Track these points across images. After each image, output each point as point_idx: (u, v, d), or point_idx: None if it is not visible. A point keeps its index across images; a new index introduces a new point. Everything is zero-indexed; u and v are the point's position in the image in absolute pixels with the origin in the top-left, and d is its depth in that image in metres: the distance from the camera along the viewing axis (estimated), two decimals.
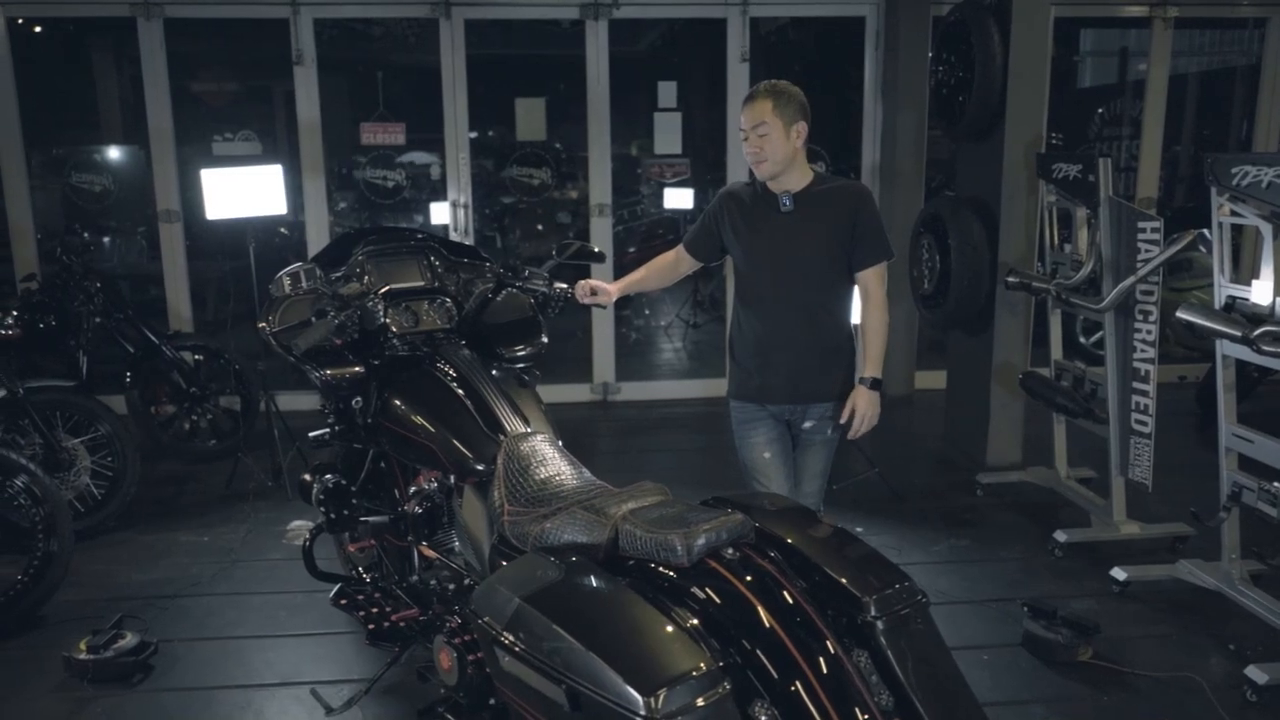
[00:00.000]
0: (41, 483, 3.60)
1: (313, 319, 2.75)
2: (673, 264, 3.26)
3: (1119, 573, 3.69)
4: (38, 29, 6.36)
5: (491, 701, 2.61)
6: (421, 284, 3.15)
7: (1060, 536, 4.03)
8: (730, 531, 2.08)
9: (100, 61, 6.85)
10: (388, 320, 2.94)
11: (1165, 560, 3.79)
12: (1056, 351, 4.53)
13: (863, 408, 2.91)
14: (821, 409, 3.02)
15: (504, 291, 3.10)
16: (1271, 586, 3.38)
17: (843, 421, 2.95)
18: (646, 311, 8.38)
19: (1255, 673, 2.98)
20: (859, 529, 4.32)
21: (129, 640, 3.22)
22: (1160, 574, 3.67)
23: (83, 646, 3.17)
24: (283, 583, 3.87)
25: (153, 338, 5.19)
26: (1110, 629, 3.34)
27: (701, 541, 2.02)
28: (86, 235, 5.23)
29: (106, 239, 6.74)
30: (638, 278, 3.32)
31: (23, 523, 3.63)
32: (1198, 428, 5.62)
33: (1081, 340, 6.58)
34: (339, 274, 3.06)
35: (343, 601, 3.04)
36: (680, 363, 7.59)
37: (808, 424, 3.05)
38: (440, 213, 6.27)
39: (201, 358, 5.43)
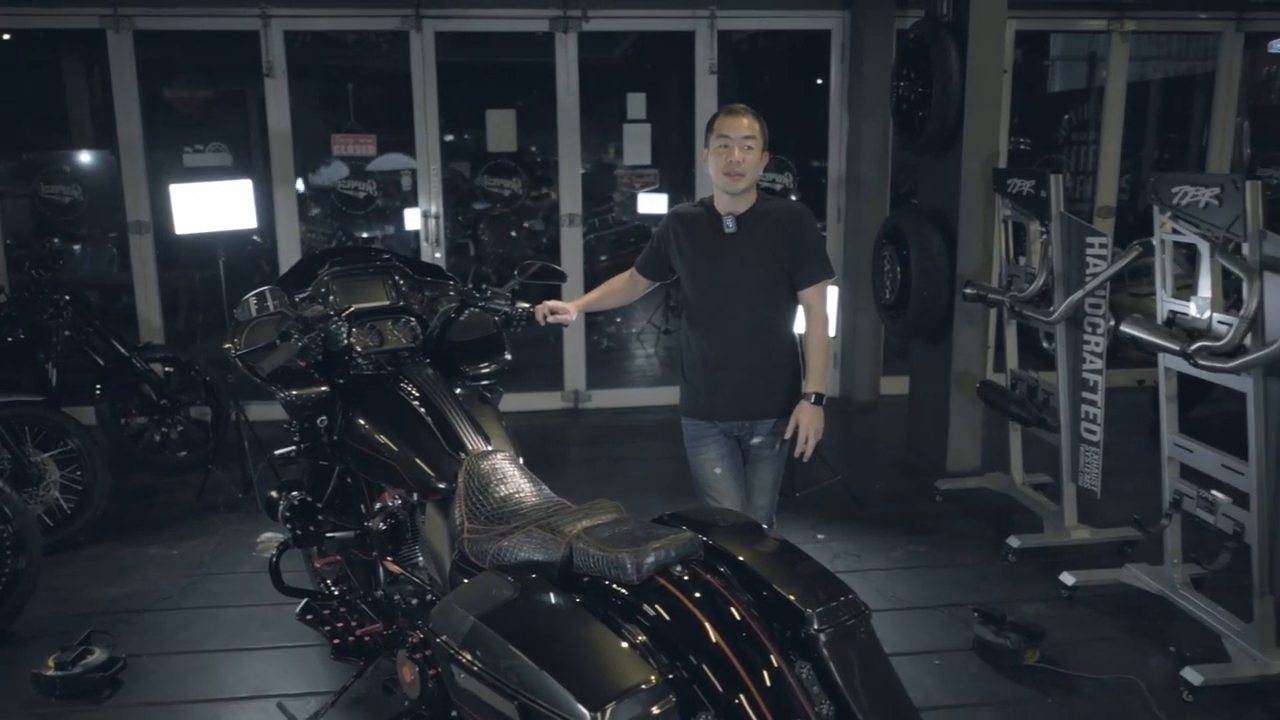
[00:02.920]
0: (10, 499, 3.63)
1: (277, 341, 2.81)
2: (629, 283, 3.35)
3: (1068, 577, 3.81)
4: (4, 36, 6.35)
5: (453, 714, 2.69)
6: (386, 303, 3.21)
7: (1013, 542, 4.15)
8: (679, 549, 2.16)
9: (69, 70, 6.85)
10: (352, 341, 3.00)
11: (1114, 565, 3.91)
12: (1012, 361, 4.65)
13: (805, 423, 2.95)
14: (768, 425, 3.08)
15: (467, 311, 3.17)
16: (1211, 590, 3.51)
17: (786, 438, 3.00)
18: (618, 319, 8.45)
19: (1191, 674, 3.11)
20: (820, 536, 4.42)
21: (97, 656, 3.26)
22: (1107, 578, 3.79)
23: (51, 663, 3.22)
24: (253, 595, 3.91)
25: (122, 350, 5.21)
26: (1058, 632, 3.46)
27: (651, 560, 2.10)
28: (56, 244, 5.24)
29: (76, 249, 6.73)
30: (595, 297, 3.42)
31: None
32: (1152, 431, 5.75)
33: (1045, 346, 6.70)
34: (305, 294, 3.12)
35: (309, 617, 3.09)
36: (652, 369, 7.67)
37: (756, 440, 3.11)
38: (412, 221, 6.32)
39: (172, 369, 5.46)
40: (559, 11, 6.11)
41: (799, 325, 3.15)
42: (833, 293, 4.58)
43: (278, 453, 3.18)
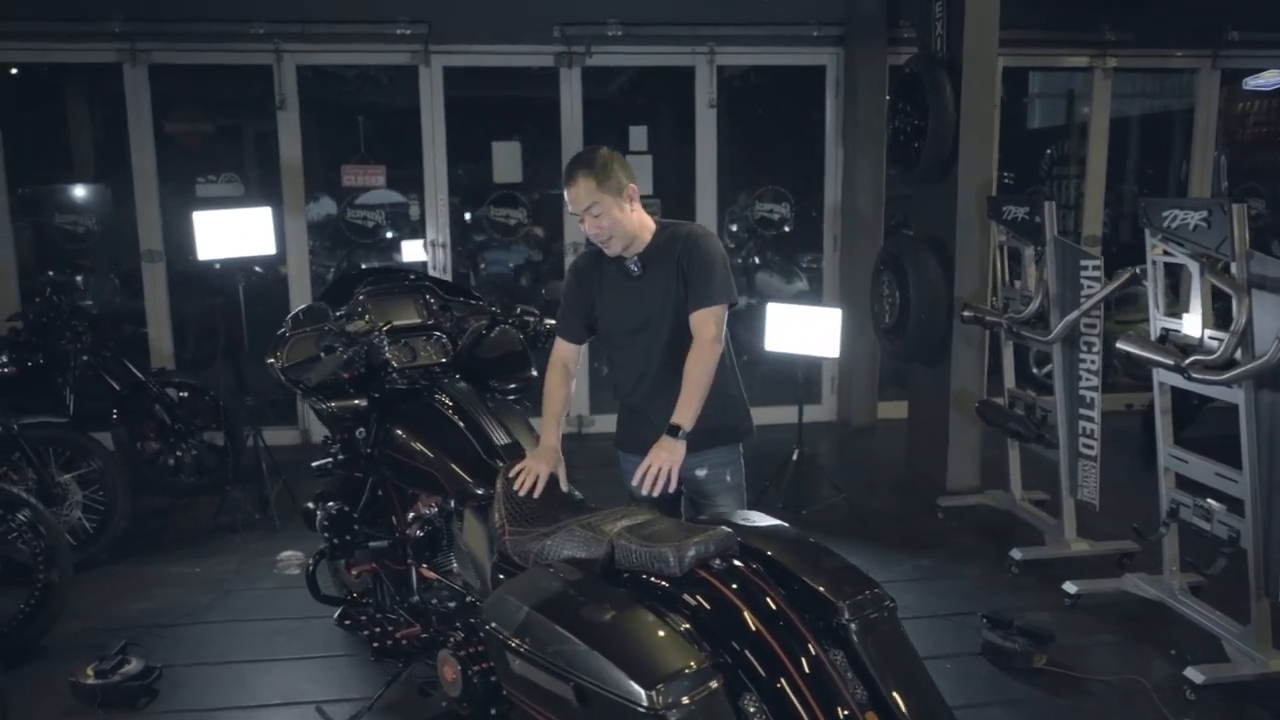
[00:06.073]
0: (43, 516, 3.72)
1: (321, 355, 2.94)
2: (564, 373, 3.03)
3: (1070, 587, 3.94)
4: (14, 70, 6.49)
5: (492, 712, 2.80)
6: (419, 321, 3.35)
7: (1016, 554, 4.29)
8: (717, 545, 2.29)
9: (84, 102, 6.98)
10: (389, 356, 3.13)
11: (1113, 574, 4.06)
12: (1010, 381, 4.81)
13: (653, 457, 2.68)
14: (707, 456, 2.89)
15: (498, 328, 3.31)
16: (1208, 596, 3.66)
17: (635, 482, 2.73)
18: None
19: (1194, 673, 3.24)
20: None
21: (134, 665, 3.34)
22: (1108, 587, 3.94)
23: (89, 672, 3.29)
24: (277, 610, 4.00)
25: (138, 374, 5.31)
26: (1063, 638, 3.59)
27: (692, 553, 2.23)
28: (78, 276, 5.34)
29: (90, 278, 6.83)
30: (557, 410, 2.97)
31: (21, 556, 3.74)
32: (1142, 452, 5.93)
33: (1034, 371, 6.89)
34: (341, 312, 3.25)
35: (347, 622, 3.20)
36: None
37: (701, 472, 2.91)
38: (419, 251, 6.46)
39: (186, 394, 5.55)
40: (564, 47, 6.32)
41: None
42: (834, 316, 4.75)
43: (314, 464, 3.30)
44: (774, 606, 2.20)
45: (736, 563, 2.29)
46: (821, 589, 2.26)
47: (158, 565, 4.52)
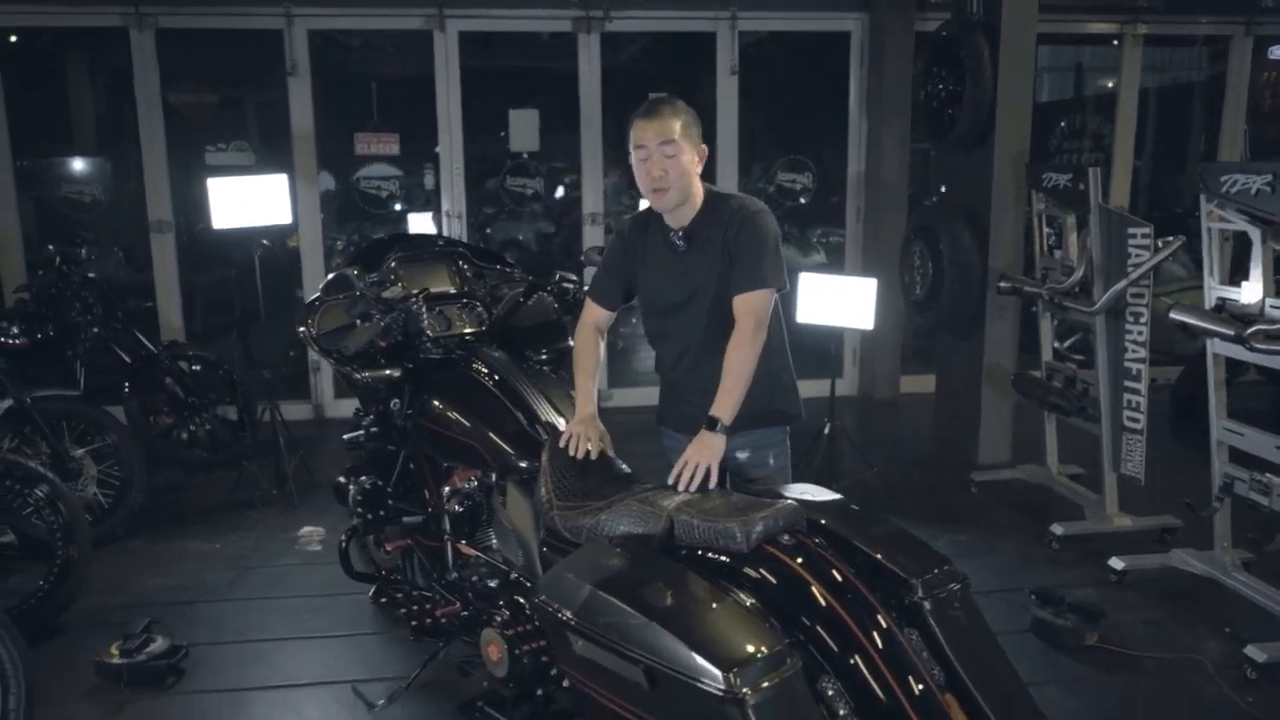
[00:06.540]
0: (61, 491, 3.60)
1: (357, 322, 2.82)
2: (594, 337, 2.82)
3: (1117, 562, 3.85)
4: (13, 38, 6.31)
5: (539, 692, 2.70)
6: (453, 289, 3.23)
7: (1057, 529, 4.19)
8: (785, 519, 2.18)
9: (88, 70, 6.81)
10: (424, 325, 3.01)
11: (1156, 550, 3.96)
12: (1047, 354, 4.70)
13: (691, 453, 2.46)
14: (750, 437, 2.69)
15: (535, 295, 3.18)
16: (1261, 572, 3.56)
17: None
18: (633, 320, 8.47)
19: (1254, 651, 3.14)
20: None
21: (160, 644, 3.24)
22: (1155, 563, 3.84)
23: (114, 651, 3.19)
24: (301, 587, 3.90)
25: (150, 347, 5.18)
26: (1112, 615, 3.49)
27: (760, 528, 2.12)
28: (83, 248, 5.21)
29: (96, 249, 6.69)
30: (590, 369, 2.79)
31: (39, 532, 3.63)
32: (1171, 427, 5.83)
33: (1055, 345, 6.79)
34: (373, 279, 3.13)
35: (383, 600, 3.09)
36: None
37: (742, 455, 2.72)
38: (434, 222, 6.33)
39: (199, 367, 5.43)
40: (581, 12, 6.14)
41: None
42: (869, 286, 4.62)
43: (346, 437, 3.19)
44: (845, 583, 2.10)
45: (803, 538, 2.19)
46: (893, 566, 2.16)
47: (175, 541, 4.41)
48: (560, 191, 7.00)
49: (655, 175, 2.53)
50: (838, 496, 2.48)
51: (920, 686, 1.97)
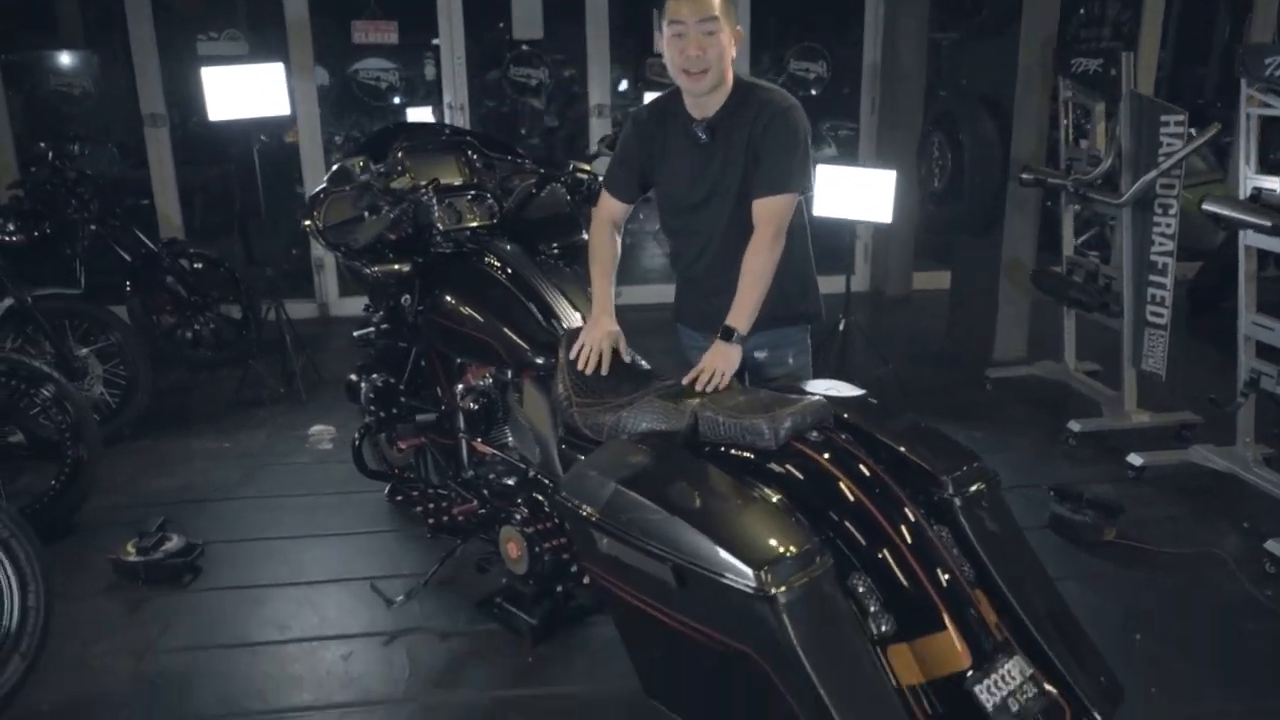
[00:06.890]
0: (68, 391, 3.55)
1: (365, 214, 2.71)
2: (611, 233, 2.68)
3: (1135, 458, 3.81)
4: None
5: (558, 589, 2.69)
6: (462, 180, 3.10)
7: (1075, 426, 4.15)
8: (813, 415, 2.12)
9: None
10: (435, 217, 2.90)
11: (1174, 446, 3.93)
12: (1068, 248, 4.58)
13: (708, 360, 2.38)
14: (769, 336, 2.61)
15: (549, 186, 3.06)
16: None
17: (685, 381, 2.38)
18: (641, 216, 8.31)
19: (1275, 546, 3.13)
20: None
21: (175, 542, 3.23)
22: (1174, 459, 3.81)
23: (130, 549, 3.18)
24: (314, 485, 3.88)
25: (150, 245, 5.07)
26: (1130, 511, 3.47)
27: (788, 424, 2.07)
28: (77, 142, 5.04)
29: (89, 145, 6.50)
30: (607, 267, 2.65)
31: (47, 432, 3.59)
32: (1187, 322, 5.75)
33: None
34: (380, 169, 3.00)
35: (398, 498, 3.07)
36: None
37: (760, 354, 2.65)
38: (435, 114, 6.12)
39: (200, 265, 5.32)
40: None
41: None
42: (888, 178, 4.48)
43: (356, 334, 3.12)
44: (874, 479, 2.05)
45: (831, 434, 2.13)
46: (922, 462, 2.12)
47: (184, 440, 4.38)
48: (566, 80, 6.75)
49: (692, 55, 2.35)
50: (862, 392, 2.43)
51: (949, 579, 1.94)
